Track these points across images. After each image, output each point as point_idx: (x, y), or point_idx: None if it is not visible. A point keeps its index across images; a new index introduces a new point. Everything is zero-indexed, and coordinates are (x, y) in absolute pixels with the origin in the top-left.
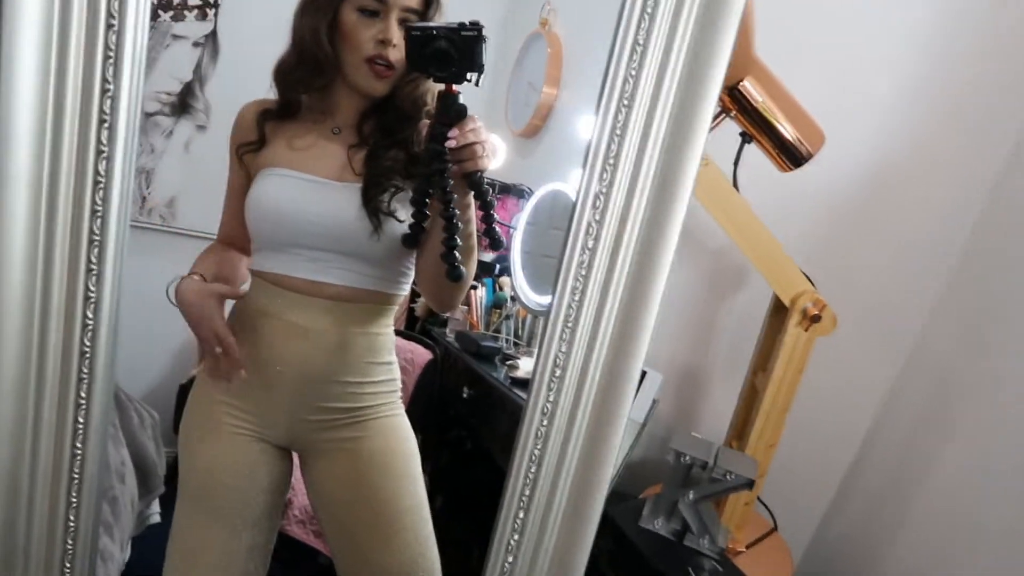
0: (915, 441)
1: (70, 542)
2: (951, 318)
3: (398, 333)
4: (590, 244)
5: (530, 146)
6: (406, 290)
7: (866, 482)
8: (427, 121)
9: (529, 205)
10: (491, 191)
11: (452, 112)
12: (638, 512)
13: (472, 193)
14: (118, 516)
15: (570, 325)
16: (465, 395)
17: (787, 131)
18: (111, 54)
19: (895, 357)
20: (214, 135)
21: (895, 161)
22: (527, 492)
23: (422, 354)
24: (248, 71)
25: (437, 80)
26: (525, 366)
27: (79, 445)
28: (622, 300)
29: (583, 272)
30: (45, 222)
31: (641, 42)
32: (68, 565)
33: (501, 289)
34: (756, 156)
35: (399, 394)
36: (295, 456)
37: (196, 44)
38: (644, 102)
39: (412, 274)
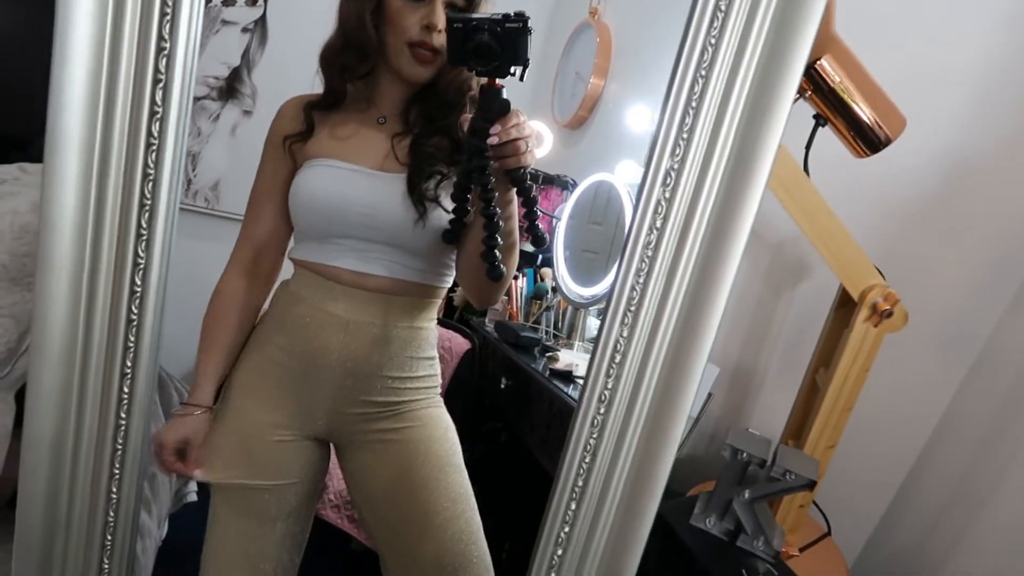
0: (982, 450)
1: (112, 514)
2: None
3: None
4: (658, 224)
5: (575, 137)
6: (449, 283)
7: (926, 490)
8: (469, 114)
9: (573, 197)
10: (534, 187)
11: (494, 107)
12: (689, 509)
13: (515, 189)
14: (156, 493)
15: (632, 309)
16: (503, 386)
17: (865, 114)
18: (168, 10)
19: (962, 360)
20: (260, 120)
21: (977, 152)
22: (580, 483)
23: (460, 343)
24: (296, 57)
25: (480, 74)
26: (565, 358)
27: (123, 416)
28: (689, 285)
29: (649, 253)
30: (96, 184)
31: (723, 8)
32: (109, 537)
33: (542, 280)
34: (827, 141)
35: (439, 389)
36: (332, 448)
37: (245, 30)
38: (723, 74)
39: (452, 264)
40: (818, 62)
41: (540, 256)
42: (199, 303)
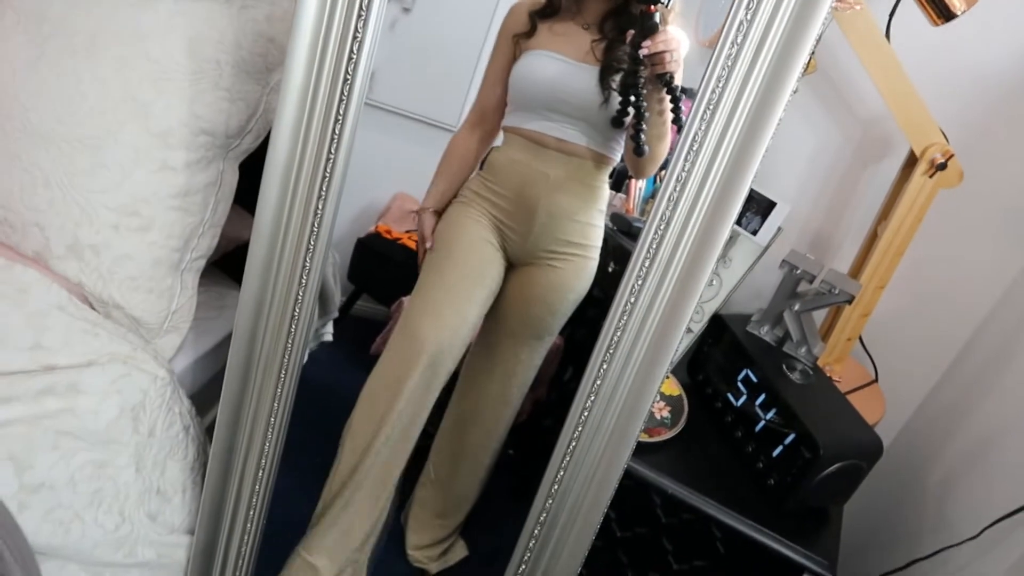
0: None
1: (315, 226)
2: None
3: None
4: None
5: None
6: (618, 155)
7: (975, 363)
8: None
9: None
10: (679, 89)
11: (647, 27)
12: (749, 320)
13: (664, 89)
14: None
15: (695, 148)
16: (610, 270)
17: None
18: None
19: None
20: (417, 17)
21: None
22: (638, 284)
23: None
24: None
25: (637, 1)
26: None
27: (332, 151)
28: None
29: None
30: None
31: None
32: (311, 243)
33: (661, 180)
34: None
35: (603, 234)
36: None
37: None
38: None
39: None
40: None
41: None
42: (348, 181)
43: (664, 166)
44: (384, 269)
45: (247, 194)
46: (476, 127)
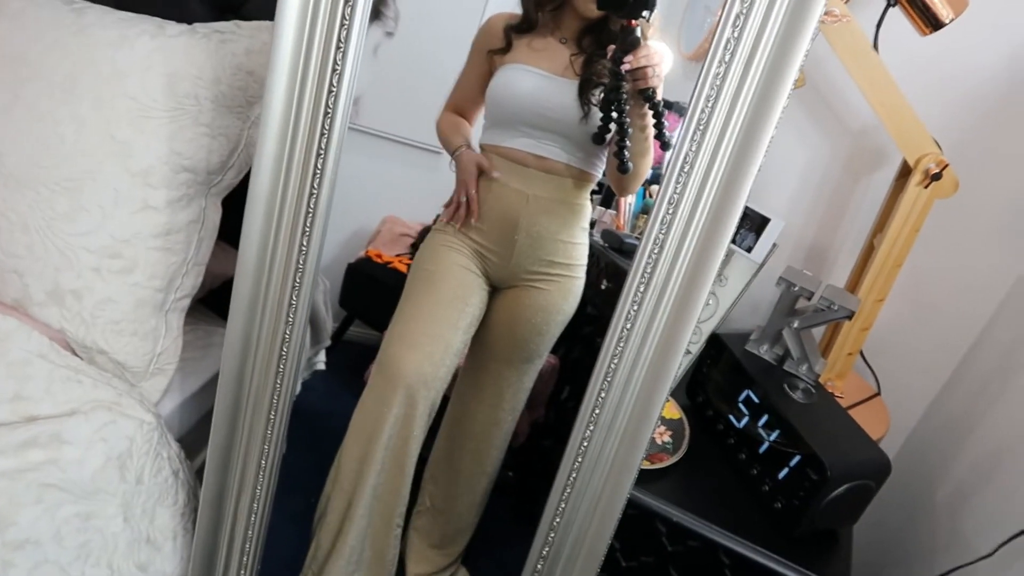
0: None
1: (300, 262)
2: None
3: None
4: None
5: (698, 69)
6: (600, 172)
7: (979, 372)
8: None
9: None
10: (661, 104)
11: (628, 42)
12: (747, 339)
13: (646, 104)
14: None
15: (687, 169)
16: (603, 287)
17: None
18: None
19: None
20: (400, 42)
21: None
22: (634, 309)
23: None
24: None
25: (617, 16)
26: None
27: (315, 187)
28: (738, 137)
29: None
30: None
31: None
32: (297, 281)
33: (651, 196)
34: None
35: (587, 253)
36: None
37: None
38: None
39: (605, 160)
40: None
41: (651, 173)
42: (335, 208)
43: (654, 180)
44: (376, 294)
45: (232, 230)
46: (455, 112)
